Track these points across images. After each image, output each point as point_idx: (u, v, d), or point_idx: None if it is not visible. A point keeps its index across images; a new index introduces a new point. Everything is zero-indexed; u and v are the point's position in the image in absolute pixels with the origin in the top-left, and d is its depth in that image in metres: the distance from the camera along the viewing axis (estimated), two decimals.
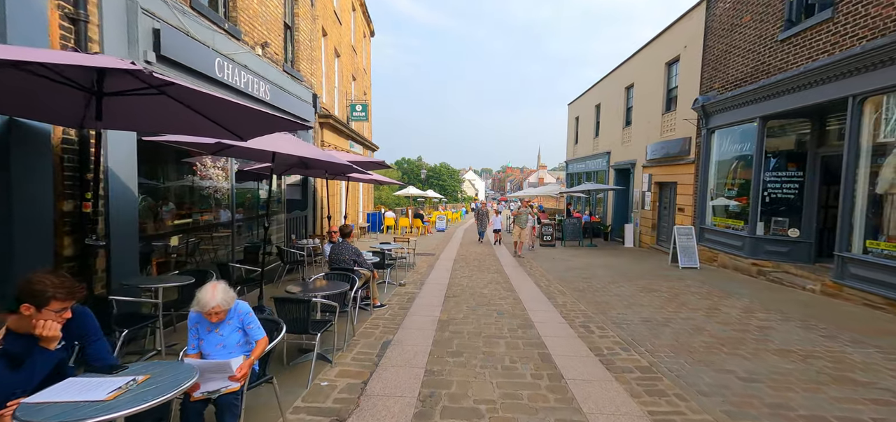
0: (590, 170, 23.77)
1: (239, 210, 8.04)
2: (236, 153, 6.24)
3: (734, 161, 11.37)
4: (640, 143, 17.04)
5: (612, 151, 20.33)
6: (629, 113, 18.86)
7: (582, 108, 26.10)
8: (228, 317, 2.93)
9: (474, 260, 13.19)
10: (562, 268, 11.68)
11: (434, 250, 15.49)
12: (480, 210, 19.80)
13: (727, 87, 11.47)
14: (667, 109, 15.29)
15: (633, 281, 9.75)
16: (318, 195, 12.42)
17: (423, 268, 11.48)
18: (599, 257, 13.85)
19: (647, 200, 16.28)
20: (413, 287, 8.91)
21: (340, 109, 16.18)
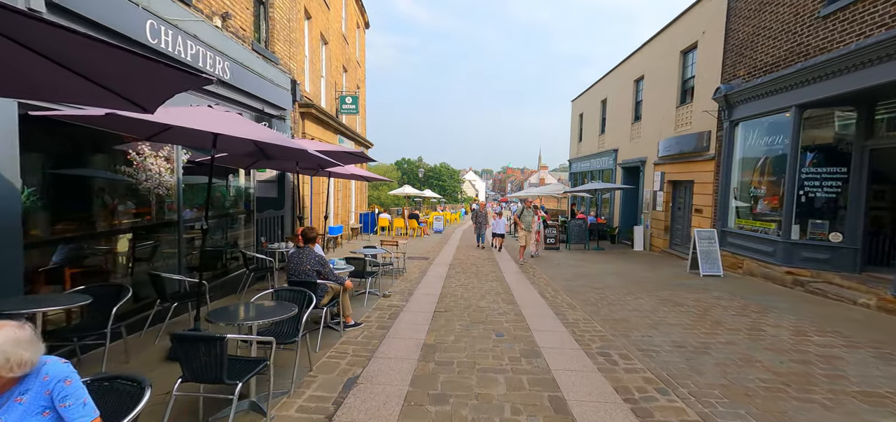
0: (595, 169, 22.55)
1: (193, 209, 6.84)
2: (175, 139, 5.03)
3: (762, 156, 10.15)
4: (651, 139, 15.82)
5: (620, 148, 19.11)
6: (639, 107, 17.64)
7: (586, 104, 24.89)
8: (23, 388, 1.72)
9: (471, 266, 11.97)
10: (569, 275, 10.46)
11: (428, 254, 14.27)
12: (479, 212, 17.18)
13: (754, 73, 10.25)
14: (682, 101, 14.07)
15: (652, 292, 8.54)
16: (299, 193, 11.20)
17: (415, 274, 10.27)
18: (609, 263, 12.63)
19: (660, 200, 15.06)
20: (399, 299, 7.70)
21: (329, 100, 15.00)
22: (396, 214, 24.24)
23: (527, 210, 12.91)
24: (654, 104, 15.87)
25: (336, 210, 16.03)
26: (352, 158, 7.35)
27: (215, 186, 7.68)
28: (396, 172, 71.12)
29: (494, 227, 15.34)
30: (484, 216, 16.92)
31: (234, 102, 7.50)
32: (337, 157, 6.77)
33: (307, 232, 5.36)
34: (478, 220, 16.90)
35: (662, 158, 14.88)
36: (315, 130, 12.08)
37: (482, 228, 16.74)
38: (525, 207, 13.06)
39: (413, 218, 21.14)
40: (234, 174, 8.31)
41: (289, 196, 10.31)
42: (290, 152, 5.74)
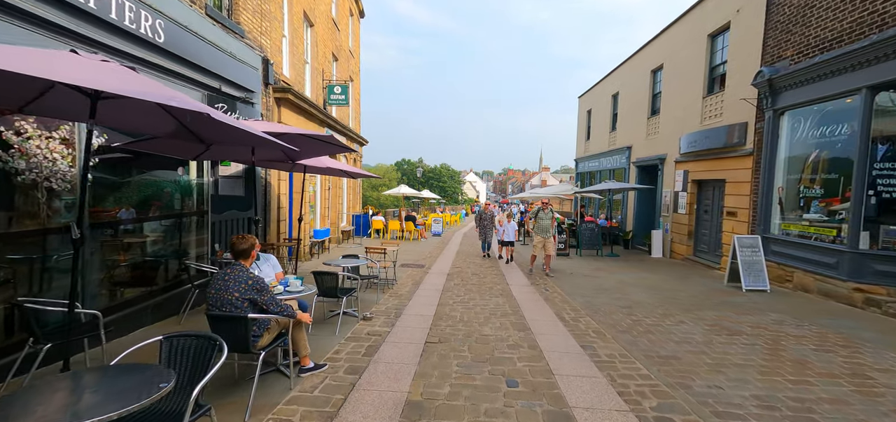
0: (605, 168, 21.02)
1: (117, 210, 5.32)
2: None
3: (816, 150, 8.62)
4: (672, 134, 14.29)
5: (634, 145, 17.58)
6: (656, 100, 16.11)
7: (595, 99, 23.37)
8: None
9: (473, 275, 10.43)
10: (588, 289, 8.91)
11: (424, 260, 12.73)
12: (483, 213, 14.10)
13: (806, 52, 8.72)
14: (709, 90, 12.54)
15: (694, 312, 7.00)
16: (274, 192, 9.69)
17: (407, 286, 8.74)
18: (629, 272, 11.08)
19: (682, 201, 13.51)
20: (383, 321, 6.16)
21: (315, 89, 13.49)
22: (393, 216, 22.72)
23: (543, 212, 10.43)
24: (675, 96, 14.33)
25: (323, 211, 14.51)
26: (322, 146, 5.82)
27: (155, 182, 6.15)
28: (396, 172, 69.67)
29: (502, 233, 12.56)
30: (489, 219, 13.93)
31: (171, 75, 5.97)
32: (297, 142, 5.24)
33: (236, 244, 3.79)
34: (482, 223, 13.94)
35: (685, 155, 13.34)
36: (294, 119, 10.55)
37: (487, 233, 13.86)
38: (541, 208, 10.55)
39: (409, 220, 19.61)
40: (184, 166, 6.78)
41: (260, 195, 8.79)
42: (223, 132, 4.21)
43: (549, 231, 10.35)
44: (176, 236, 6.51)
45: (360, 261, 7.00)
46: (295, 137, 5.10)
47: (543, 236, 10.36)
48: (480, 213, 14.35)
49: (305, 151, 6.24)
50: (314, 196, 14.14)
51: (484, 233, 13.89)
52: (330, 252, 14.04)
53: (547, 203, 10.67)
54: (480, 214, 14.32)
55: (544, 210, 10.47)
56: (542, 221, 10.36)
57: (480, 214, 14.32)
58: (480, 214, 14.32)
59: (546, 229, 10.34)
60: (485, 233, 13.87)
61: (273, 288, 4.24)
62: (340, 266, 6.58)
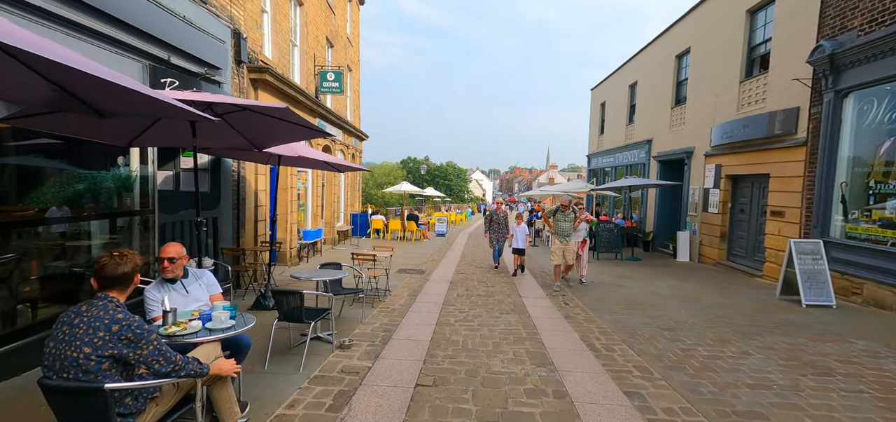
0: (621, 164, 19.57)
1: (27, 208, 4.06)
2: None
3: (891, 137, 7.17)
4: (701, 124, 12.84)
5: (655, 138, 16.12)
6: (681, 88, 14.64)
7: (610, 91, 21.90)
8: None
9: (479, 284, 9.09)
10: (615, 302, 7.54)
11: (425, 265, 11.42)
12: (495, 214, 11.12)
13: (880, 20, 7.27)
14: (747, 74, 11.08)
15: (755, 336, 5.61)
16: (249, 188, 8.42)
17: (401, 298, 7.43)
18: (658, 279, 9.68)
19: (713, 199, 12.07)
20: (366, 350, 4.86)
21: (305, 75, 12.21)
22: (394, 215, 21.46)
23: (563, 213, 8.67)
24: (704, 82, 12.87)
25: (315, 210, 13.25)
26: (286, 129, 4.52)
27: (77, 174, 4.89)
28: (401, 170, 68.37)
29: (515, 237, 10.34)
30: (502, 222, 10.99)
31: (98, 38, 4.69)
32: (245, 121, 3.96)
33: (105, 266, 2.37)
34: (493, 226, 11.08)
35: (718, 148, 11.89)
36: (272, 101, 9.25)
37: (500, 237, 11.03)
38: (560, 208, 8.72)
39: (411, 219, 18.31)
40: (125, 155, 5.53)
41: (229, 191, 7.52)
42: (118, 98, 2.90)
43: (570, 235, 8.59)
44: (105, 243, 5.23)
45: (339, 273, 5.67)
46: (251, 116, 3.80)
47: (562, 242, 8.59)
48: (492, 214, 11.24)
49: (265, 134, 4.97)
50: (305, 194, 12.89)
51: (496, 237, 11.07)
52: (321, 255, 12.77)
53: (568, 205, 8.69)
54: (491, 215, 11.20)
55: (564, 211, 8.63)
56: (561, 225, 8.61)
57: (491, 215, 11.20)
58: (491, 215, 11.20)
59: (565, 233, 8.57)
60: (497, 239, 11.06)
61: (185, 326, 2.91)
62: (316, 279, 5.28)
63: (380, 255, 7.61)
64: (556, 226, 8.66)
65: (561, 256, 8.62)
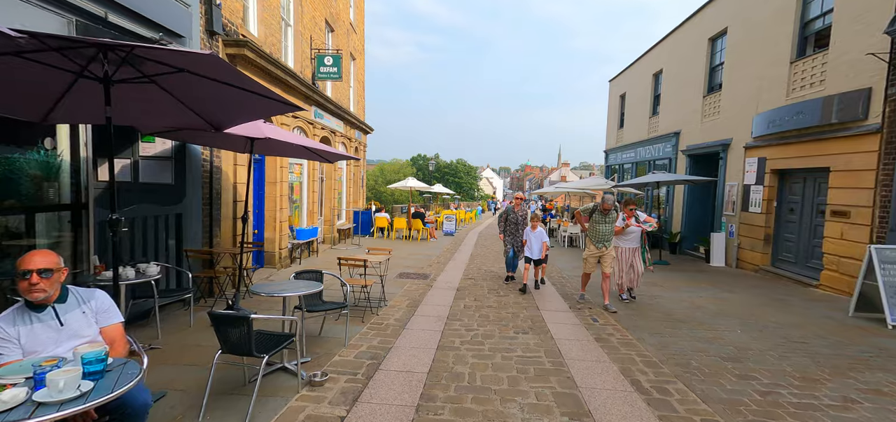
0: (643, 159, 18.17)
1: None
2: None
3: None
4: (740, 113, 11.44)
5: (684, 130, 14.70)
6: (715, 74, 13.23)
7: (631, 81, 20.46)
8: None
9: (490, 292, 7.89)
10: (654, 318, 6.27)
11: (430, 267, 10.25)
12: (511, 212, 8.76)
13: None
14: (800, 53, 9.67)
15: (850, 374, 4.33)
16: (226, 181, 7.33)
17: (399, 310, 6.28)
18: (697, 288, 8.38)
19: (756, 197, 10.68)
20: (339, 392, 3.70)
21: (299, 59, 11.11)
22: (401, 213, 20.34)
23: (602, 213, 6.81)
24: (744, 66, 11.46)
25: (312, 207, 12.17)
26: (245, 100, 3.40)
27: None
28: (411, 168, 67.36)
29: (530, 244, 8.03)
30: (521, 222, 8.60)
31: None
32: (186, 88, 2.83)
33: None
34: (508, 226, 8.69)
35: (762, 139, 10.51)
36: None
37: (517, 241, 8.57)
38: (599, 209, 6.88)
39: (417, 217, 17.15)
40: (52, 136, 4.45)
41: (197, 183, 6.42)
42: None
43: (609, 240, 6.83)
44: (16, 246, 4.15)
45: (314, 286, 4.49)
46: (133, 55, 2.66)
47: (598, 248, 6.84)
48: (507, 212, 8.80)
49: (214, 104, 3.85)
50: (300, 188, 11.81)
51: (511, 243, 8.65)
52: (318, 256, 11.69)
53: (609, 207, 6.76)
54: (508, 213, 8.78)
55: (604, 212, 6.79)
56: (599, 227, 6.83)
57: (508, 213, 8.78)
58: (508, 213, 8.78)
59: (604, 238, 6.81)
60: (513, 240, 8.63)
61: (9, 387, 1.77)
62: (283, 295, 4.13)
63: (374, 259, 6.44)
64: (593, 228, 6.92)
65: (595, 264, 7.01)
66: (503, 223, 8.89)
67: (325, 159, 6.69)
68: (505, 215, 8.87)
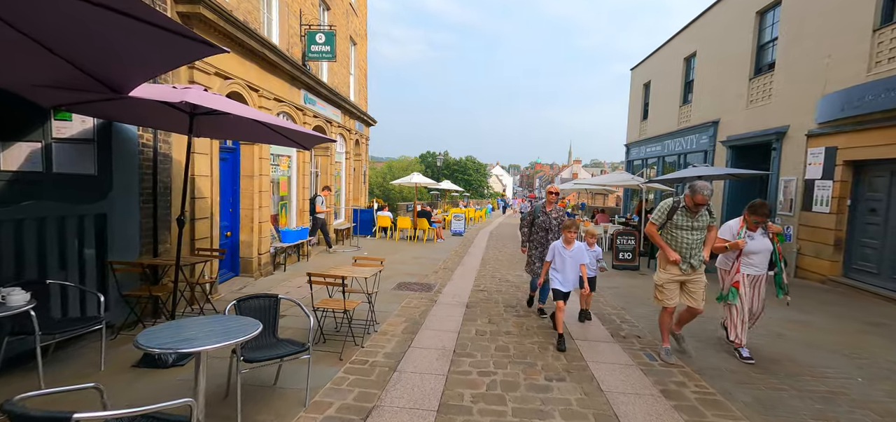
0: (672, 152, 16.45)
1: None
2: None
3: None
4: (799, 95, 9.74)
5: (724, 118, 13.00)
6: (764, 53, 11.51)
7: (656, 69, 18.73)
8: None
9: (507, 310, 6.36)
10: (733, 358, 4.68)
11: (435, 276, 8.75)
12: (541, 214, 6.00)
13: None
14: (885, 19, 7.96)
15: None
16: (179, 171, 5.89)
17: (392, 339, 4.80)
18: (766, 310, 6.76)
19: (823, 194, 8.99)
20: None
21: (287, 36, 9.65)
22: (406, 211, 18.89)
23: (688, 211, 4.30)
24: (805, 39, 9.75)
25: (302, 204, 10.74)
26: (133, 32, 1.91)
27: None
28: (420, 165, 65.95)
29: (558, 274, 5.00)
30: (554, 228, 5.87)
31: None
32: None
33: None
34: (536, 234, 6.03)
35: (830, 125, 8.82)
36: (224, 58, 6.69)
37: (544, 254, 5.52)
38: (682, 205, 4.32)
39: (423, 216, 15.67)
40: None
41: (133, 174, 4.99)
42: None
43: (699, 256, 4.33)
44: None
45: (249, 329, 2.93)
46: None
47: (684, 269, 4.32)
48: (534, 213, 6.14)
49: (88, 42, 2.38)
50: (288, 183, 10.39)
51: (538, 257, 5.90)
52: (307, 261, 10.26)
53: (703, 201, 4.19)
54: (534, 216, 6.12)
55: (692, 209, 4.27)
56: (685, 235, 4.30)
57: (534, 216, 6.12)
58: (534, 216, 6.12)
59: (692, 252, 4.30)
60: (539, 254, 5.88)
61: None
62: (190, 349, 2.63)
63: (361, 272, 4.94)
64: (673, 235, 4.35)
65: (676, 292, 4.37)
66: (528, 230, 6.12)
67: (296, 143, 5.21)
68: (530, 218, 6.14)
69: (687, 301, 4.45)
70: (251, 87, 7.67)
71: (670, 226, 4.40)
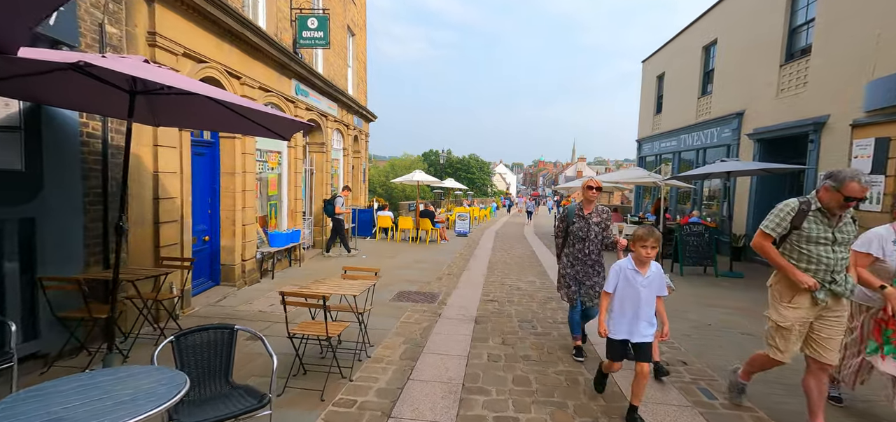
0: (690, 147, 15.50)
1: None
2: None
3: None
4: (843, 80, 8.79)
5: (750, 109, 12.04)
6: (796, 37, 10.55)
7: (672, 59, 17.75)
8: None
9: (522, 326, 5.49)
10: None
11: (438, 284, 7.88)
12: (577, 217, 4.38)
13: None
14: None
15: None
16: (142, 169, 5.03)
17: (388, 368, 3.95)
18: None
19: (874, 191, 8.04)
20: None
21: (276, 18, 8.78)
22: (409, 210, 18.02)
23: (820, 216, 2.88)
24: (850, 18, 8.79)
25: (294, 204, 9.87)
26: None
27: None
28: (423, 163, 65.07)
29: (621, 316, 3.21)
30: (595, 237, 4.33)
31: None
32: None
33: None
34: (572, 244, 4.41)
35: (880, 113, 7.87)
36: (195, 36, 5.82)
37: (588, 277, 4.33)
38: (815, 205, 2.89)
39: (426, 216, 14.79)
40: None
41: (74, 169, 4.13)
42: None
43: (845, 278, 2.91)
44: None
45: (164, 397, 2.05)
46: None
47: (823, 298, 2.90)
48: (567, 216, 4.48)
49: None
50: (278, 182, 9.53)
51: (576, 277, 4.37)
52: (299, 267, 9.42)
53: (861, 195, 2.72)
54: (568, 219, 4.46)
55: (836, 210, 2.84)
56: (821, 251, 2.89)
57: (568, 219, 4.46)
58: (568, 219, 4.46)
59: (833, 273, 2.87)
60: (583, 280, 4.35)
61: None
62: None
63: (350, 288, 4.06)
64: (805, 252, 2.94)
65: (799, 340, 3.02)
66: (562, 238, 4.52)
67: (272, 132, 4.33)
68: (564, 221, 4.47)
69: (813, 353, 2.96)
70: (231, 74, 6.81)
71: (798, 238, 2.94)
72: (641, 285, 3.13)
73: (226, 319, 5.56)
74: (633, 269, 3.16)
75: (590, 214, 4.39)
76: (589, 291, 4.35)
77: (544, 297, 7.18)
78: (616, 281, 3.21)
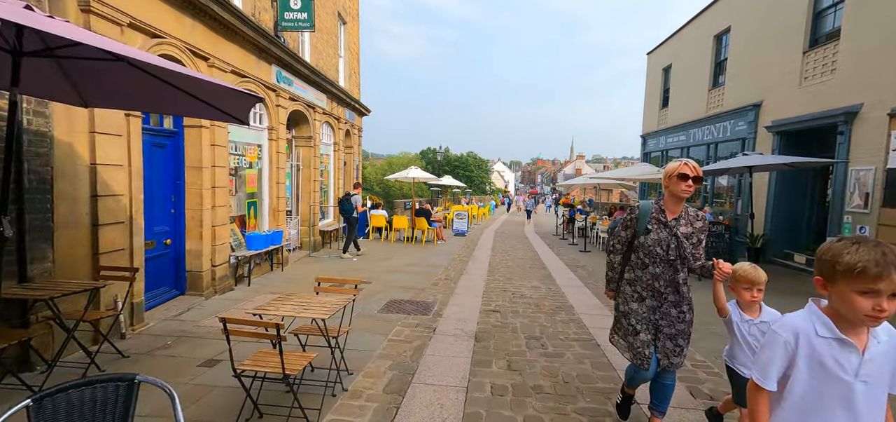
0: (699, 142, 14.71)
1: None
2: None
3: None
4: (876, 66, 8.00)
5: (768, 100, 11.24)
6: (821, 21, 9.76)
7: (679, 50, 16.94)
8: None
9: (533, 351, 4.68)
10: None
11: (434, 290, 7.05)
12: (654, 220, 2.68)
13: None
14: None
15: None
16: (65, 157, 4.18)
17: (366, 410, 3.10)
18: None
19: None
20: None
21: None
22: (405, 209, 17.17)
23: None
24: (879, 3, 8.00)
25: (275, 202, 9.01)
26: None
27: None
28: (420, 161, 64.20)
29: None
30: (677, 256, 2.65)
31: None
32: None
33: None
34: (635, 263, 2.77)
35: None
36: (145, 5, 4.96)
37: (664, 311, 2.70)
38: None
39: (421, 215, 13.96)
40: None
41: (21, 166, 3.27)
42: None
43: None
44: None
45: None
46: None
47: None
48: (639, 220, 2.74)
49: None
50: (257, 178, 8.67)
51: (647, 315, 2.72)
52: (282, 271, 8.58)
53: None
54: (637, 224, 2.75)
55: None
56: None
57: (637, 224, 2.75)
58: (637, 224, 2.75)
59: None
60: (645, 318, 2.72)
61: None
62: None
63: (320, 309, 3.22)
64: None
65: None
66: (621, 256, 2.90)
67: (225, 113, 3.47)
68: (629, 228, 2.84)
69: None
70: (197, 53, 5.94)
71: None
72: (858, 377, 1.30)
73: (182, 336, 4.72)
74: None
75: (676, 219, 2.66)
76: (670, 345, 2.69)
77: (552, 307, 6.37)
78: (785, 361, 1.38)
